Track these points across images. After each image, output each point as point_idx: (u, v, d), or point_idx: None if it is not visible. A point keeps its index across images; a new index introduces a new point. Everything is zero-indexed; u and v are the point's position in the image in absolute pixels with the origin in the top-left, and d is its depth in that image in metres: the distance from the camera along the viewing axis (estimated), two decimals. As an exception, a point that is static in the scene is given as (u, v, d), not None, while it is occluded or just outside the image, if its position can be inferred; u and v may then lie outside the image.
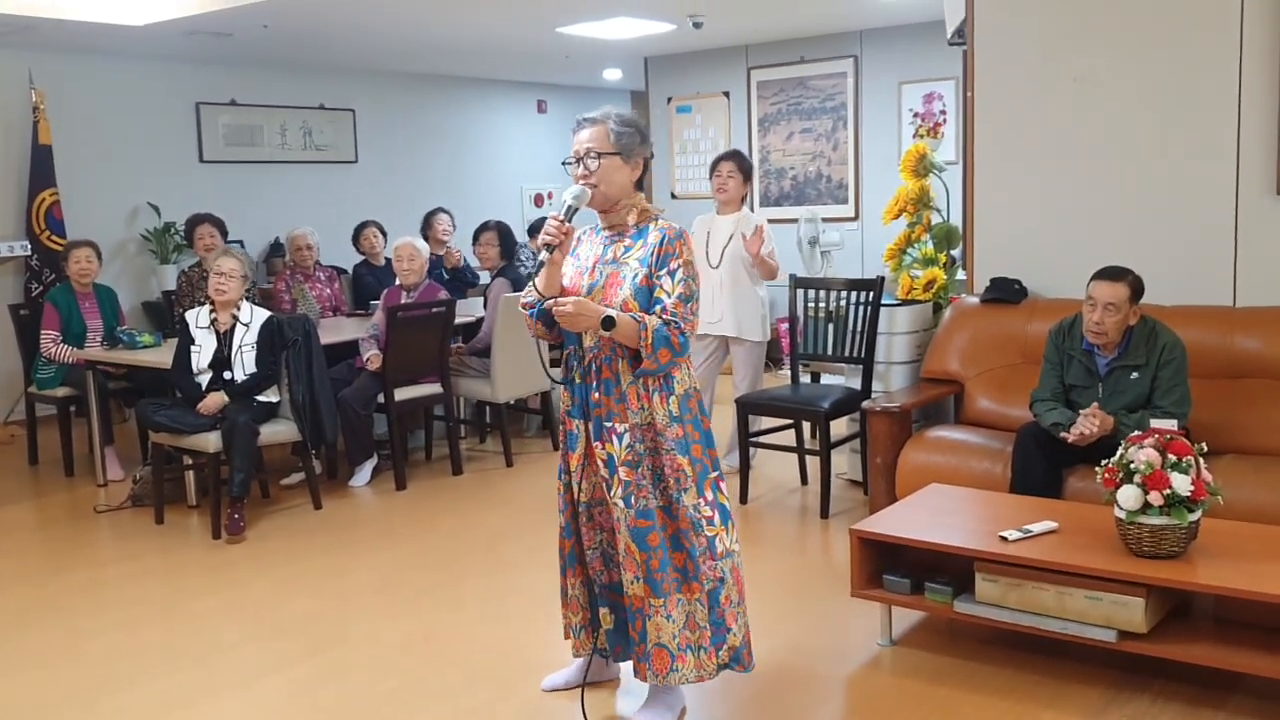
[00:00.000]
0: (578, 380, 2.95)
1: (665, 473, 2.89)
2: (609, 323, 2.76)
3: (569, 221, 2.89)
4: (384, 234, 7.64)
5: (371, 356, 5.66)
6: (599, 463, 2.92)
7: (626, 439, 2.88)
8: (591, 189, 2.89)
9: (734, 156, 5.58)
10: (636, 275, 2.86)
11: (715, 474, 2.97)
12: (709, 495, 2.93)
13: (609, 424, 2.89)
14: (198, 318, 5.13)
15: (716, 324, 5.53)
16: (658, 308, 2.83)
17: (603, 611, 3.07)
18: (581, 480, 2.98)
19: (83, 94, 7.76)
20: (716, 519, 2.93)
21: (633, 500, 2.87)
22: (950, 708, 3.11)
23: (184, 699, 3.34)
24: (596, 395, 2.90)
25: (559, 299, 2.82)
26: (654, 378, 2.87)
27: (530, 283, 2.98)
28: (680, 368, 2.91)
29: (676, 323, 2.81)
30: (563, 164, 2.98)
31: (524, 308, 3.01)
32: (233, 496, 4.90)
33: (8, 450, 6.88)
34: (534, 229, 7.67)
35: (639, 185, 2.98)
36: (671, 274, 2.84)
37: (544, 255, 2.89)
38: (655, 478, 2.90)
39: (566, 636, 3.21)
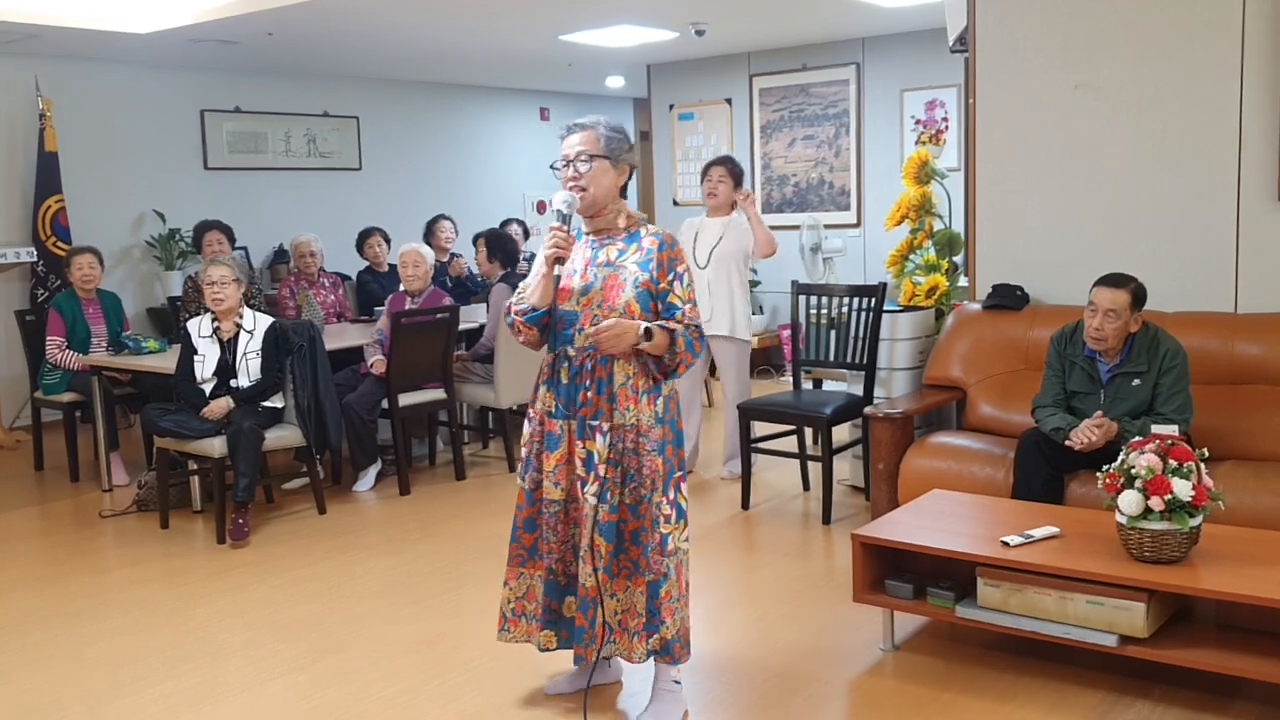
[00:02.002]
0: (564, 381, 2.99)
1: (643, 472, 2.96)
2: (650, 334, 2.87)
3: (569, 229, 2.94)
4: (387, 241, 7.67)
5: (376, 361, 5.68)
6: (577, 461, 2.99)
7: (610, 437, 2.95)
8: (580, 192, 2.95)
9: (725, 161, 5.66)
10: (637, 279, 2.94)
11: (679, 474, 3.06)
12: (670, 494, 3.01)
13: (594, 422, 2.96)
14: (200, 327, 5.14)
15: (706, 324, 5.58)
16: (676, 314, 2.94)
17: (569, 600, 3.10)
18: (559, 480, 3.03)
19: (88, 101, 7.79)
20: (673, 517, 3.02)
21: (608, 496, 2.96)
22: (952, 712, 3.12)
23: (188, 702, 3.35)
24: (587, 394, 2.96)
25: (601, 325, 2.86)
26: (643, 379, 2.95)
27: (520, 289, 3.06)
28: None
29: (697, 326, 2.96)
30: (551, 167, 3.06)
31: (516, 314, 3.03)
32: (237, 501, 4.92)
33: (13, 456, 6.91)
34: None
35: (622, 192, 3.08)
36: (680, 279, 2.96)
37: (557, 269, 2.94)
38: (627, 476, 2.97)
39: (511, 624, 3.15)
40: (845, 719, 3.18)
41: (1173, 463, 3.04)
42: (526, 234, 8.26)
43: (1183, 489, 2.99)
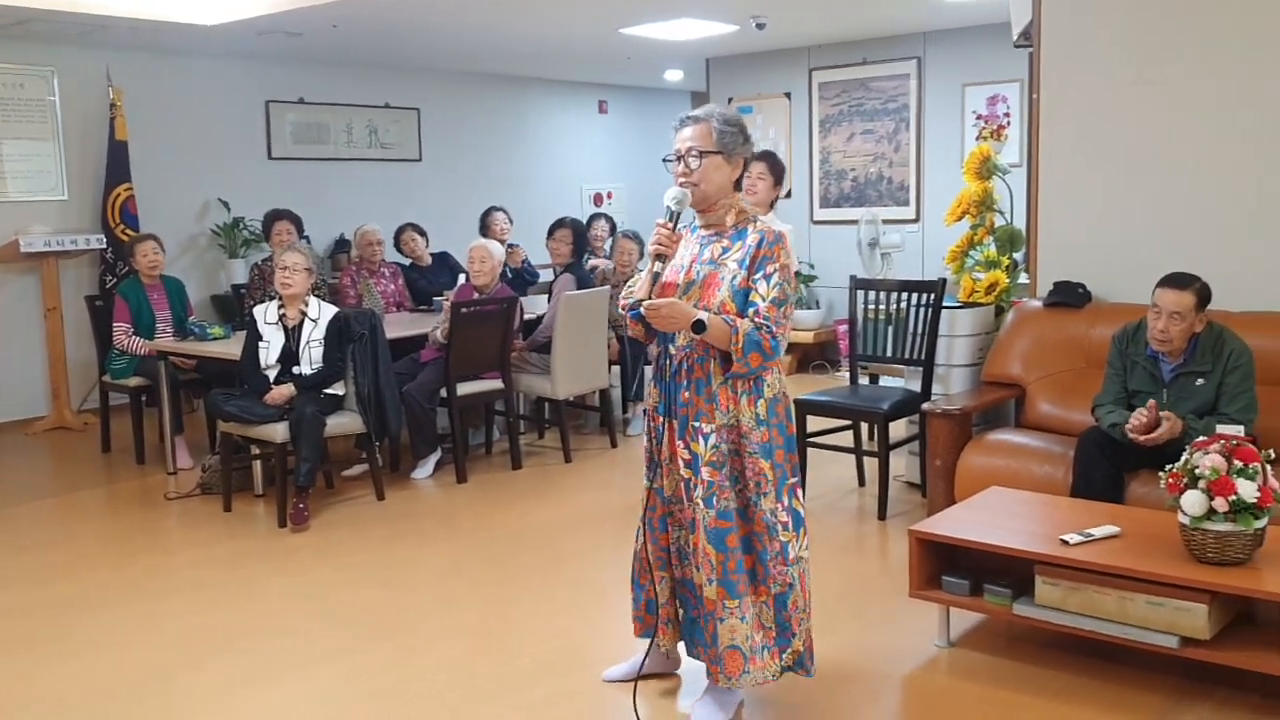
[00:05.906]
0: (666, 378, 2.97)
1: (746, 475, 2.90)
2: (699, 326, 2.78)
3: (675, 226, 2.89)
4: (423, 235, 7.77)
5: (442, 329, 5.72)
6: (680, 462, 2.95)
7: (712, 439, 2.89)
8: (691, 187, 2.89)
9: (765, 157, 5.33)
10: (735, 277, 2.86)
11: (794, 480, 2.97)
12: (785, 501, 2.93)
13: (696, 423, 2.91)
14: (266, 313, 5.24)
15: None
16: (750, 310, 2.83)
17: (676, 604, 3.11)
18: (665, 478, 3.01)
19: (157, 92, 7.95)
20: (790, 524, 2.94)
21: (714, 501, 2.89)
22: (1008, 710, 3.10)
23: (247, 680, 3.42)
24: (686, 394, 2.92)
25: (652, 300, 2.83)
26: (745, 380, 2.88)
27: (628, 286, 3.02)
28: (771, 371, 2.91)
29: (768, 326, 2.81)
30: (663, 160, 2.98)
31: (624, 309, 3.04)
32: (298, 486, 5.00)
33: (82, 437, 7.09)
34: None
35: (736, 185, 2.96)
36: (767, 278, 2.84)
37: (658, 266, 2.90)
38: (733, 479, 2.91)
39: (643, 619, 3.19)
40: (900, 715, 3.18)
41: (1238, 463, 2.99)
42: (614, 228, 8.24)
43: (1248, 490, 2.95)
